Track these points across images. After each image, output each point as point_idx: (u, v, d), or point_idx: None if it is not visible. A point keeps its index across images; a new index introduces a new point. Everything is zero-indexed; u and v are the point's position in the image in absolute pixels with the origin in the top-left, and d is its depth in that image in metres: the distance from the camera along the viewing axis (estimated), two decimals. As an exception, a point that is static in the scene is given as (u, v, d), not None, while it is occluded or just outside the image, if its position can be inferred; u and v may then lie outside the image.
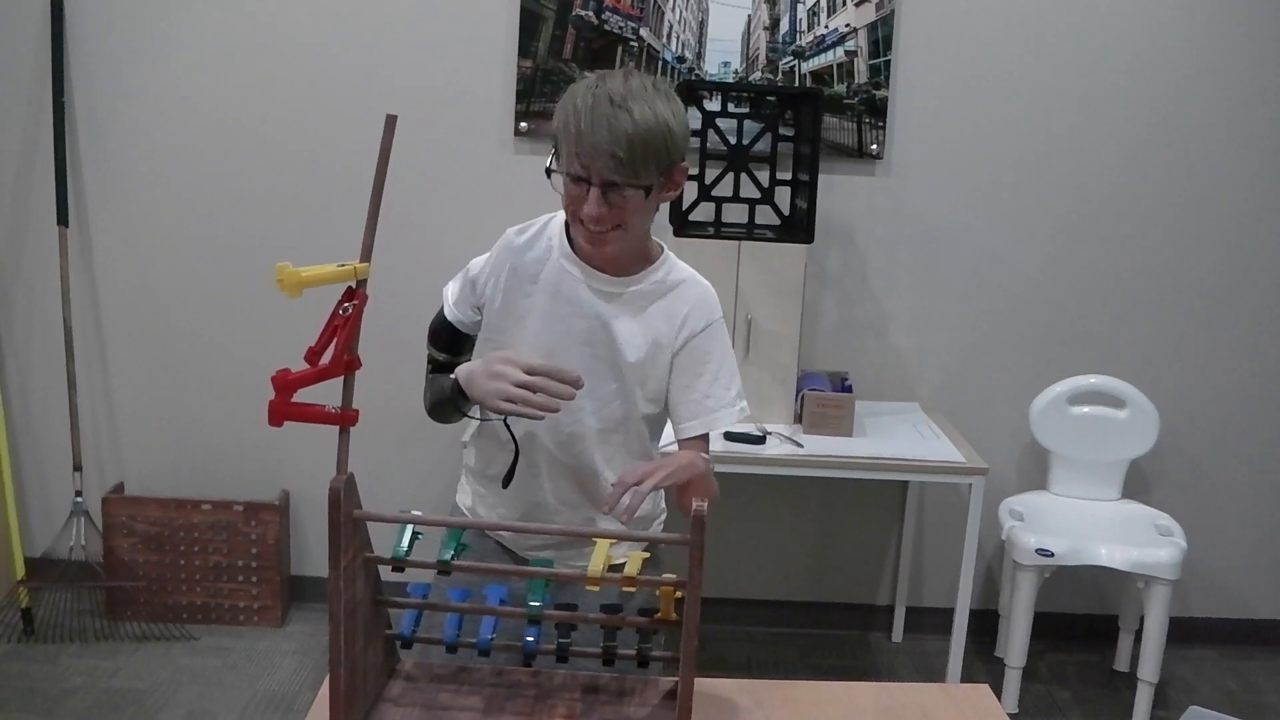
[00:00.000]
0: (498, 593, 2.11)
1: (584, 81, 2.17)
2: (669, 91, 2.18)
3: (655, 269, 2.34)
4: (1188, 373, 4.61)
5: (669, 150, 2.16)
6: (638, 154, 2.10)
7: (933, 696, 2.30)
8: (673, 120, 2.14)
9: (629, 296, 2.32)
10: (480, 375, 2.21)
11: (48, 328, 4.45)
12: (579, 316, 2.33)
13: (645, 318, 2.33)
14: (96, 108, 4.36)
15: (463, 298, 2.47)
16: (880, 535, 4.77)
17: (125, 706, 3.93)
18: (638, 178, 2.14)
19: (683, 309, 2.33)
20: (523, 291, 2.36)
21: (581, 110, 2.10)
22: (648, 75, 2.19)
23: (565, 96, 2.18)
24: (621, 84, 2.12)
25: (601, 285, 2.31)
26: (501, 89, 4.35)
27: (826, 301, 4.53)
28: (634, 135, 2.08)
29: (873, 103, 4.37)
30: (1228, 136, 4.43)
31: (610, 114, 2.08)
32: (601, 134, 2.08)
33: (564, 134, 2.16)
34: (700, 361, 2.35)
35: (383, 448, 4.51)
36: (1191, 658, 4.71)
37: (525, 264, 2.36)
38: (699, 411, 2.35)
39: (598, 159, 2.10)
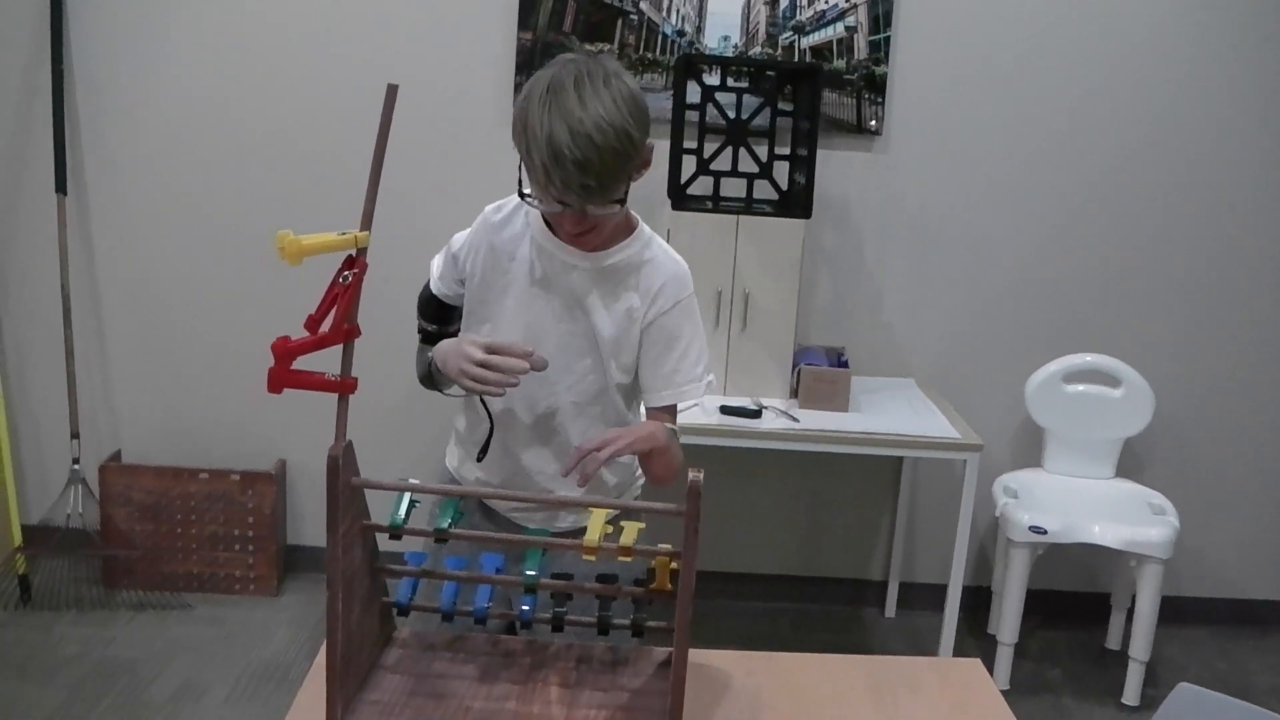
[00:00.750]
0: (494, 561, 2.12)
1: (534, 95, 2.10)
2: (617, 75, 2.13)
3: (631, 242, 2.35)
4: (1183, 352, 4.62)
5: (635, 154, 2.14)
6: (606, 179, 2.09)
7: (924, 671, 2.32)
8: (632, 123, 2.10)
9: (604, 271, 2.33)
10: (450, 355, 2.26)
11: (45, 296, 4.45)
12: (555, 293, 2.35)
13: (619, 292, 2.35)
14: (95, 75, 4.35)
15: (446, 272, 2.50)
16: (874, 511, 4.79)
17: (120, 675, 3.94)
18: (611, 194, 2.14)
19: (655, 284, 2.35)
20: (501, 268, 2.38)
21: (542, 141, 2.05)
22: (593, 63, 2.13)
23: (518, 113, 2.13)
24: (575, 99, 2.06)
25: (577, 260, 2.32)
26: (501, 60, 4.34)
27: (823, 277, 4.53)
28: (601, 162, 2.06)
29: (872, 78, 4.37)
30: (1225, 118, 4.43)
31: (571, 145, 2.03)
32: (569, 169, 2.05)
33: (529, 165, 2.13)
34: (671, 337, 2.37)
35: (381, 416, 4.52)
36: (1182, 637, 4.73)
37: (503, 241, 2.38)
38: (667, 385, 2.39)
39: (569, 192, 2.09)
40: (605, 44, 4.31)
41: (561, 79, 2.09)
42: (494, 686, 2.04)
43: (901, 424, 4.00)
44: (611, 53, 4.31)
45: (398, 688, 2.02)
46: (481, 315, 2.42)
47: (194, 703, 3.82)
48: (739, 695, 2.14)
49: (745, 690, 2.15)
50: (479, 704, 1.98)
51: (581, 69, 2.10)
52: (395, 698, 1.99)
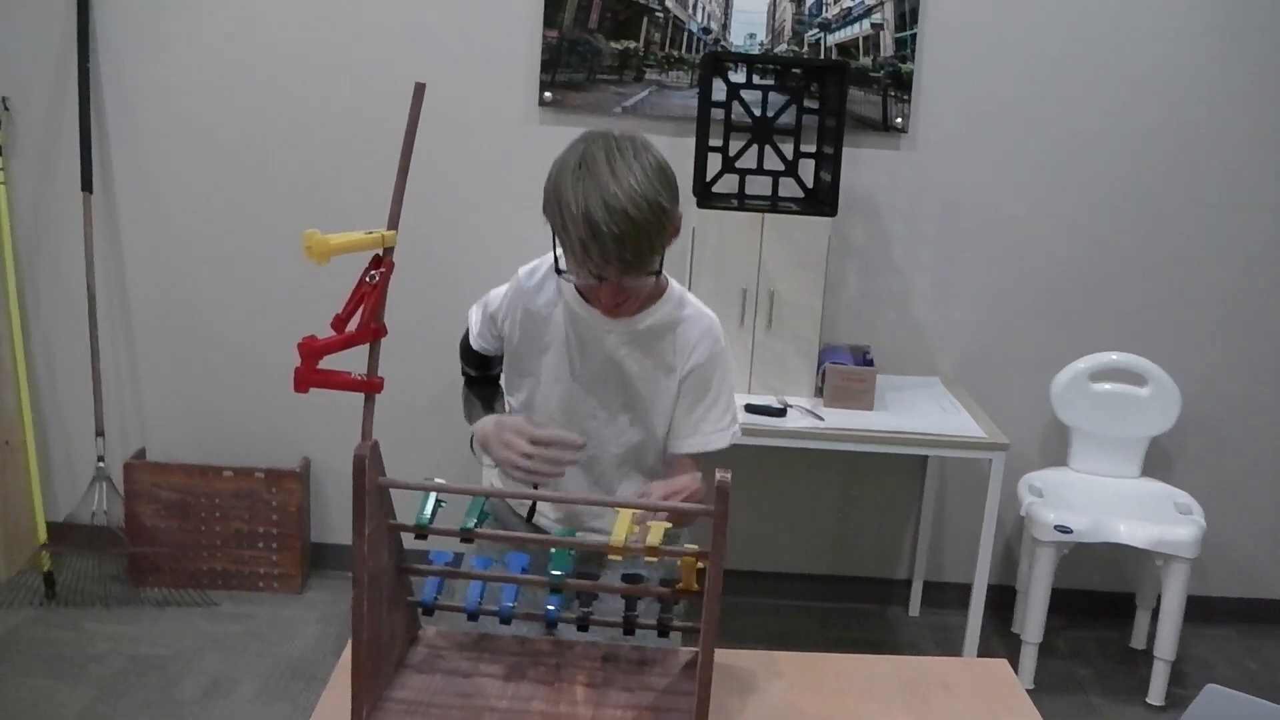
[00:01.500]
0: (519, 561, 2.12)
1: (566, 171, 2.12)
2: (645, 147, 2.16)
3: (663, 303, 2.37)
4: (1210, 351, 4.59)
5: (668, 224, 2.17)
6: (644, 251, 2.12)
7: (952, 670, 2.31)
8: (664, 194, 2.13)
9: (639, 334, 2.36)
10: (493, 441, 2.32)
11: (71, 294, 4.47)
12: (591, 356, 2.39)
13: (654, 351, 2.38)
14: (122, 73, 4.36)
15: (484, 330, 2.56)
16: (900, 509, 4.77)
17: (149, 672, 3.95)
18: (648, 265, 2.16)
19: (690, 341, 2.39)
20: (537, 331, 2.43)
21: (579, 218, 2.08)
22: (624, 139, 2.15)
23: (550, 189, 2.16)
24: (608, 173, 2.08)
25: (611, 326, 2.35)
26: (527, 58, 4.34)
27: (849, 274, 4.52)
28: (638, 235, 2.09)
29: (898, 76, 4.36)
30: (1257, 113, 4.40)
31: (607, 220, 2.05)
32: (607, 244, 2.07)
33: (564, 240, 2.15)
34: (702, 388, 2.41)
35: (406, 416, 4.52)
36: (1209, 636, 4.70)
37: (537, 307, 2.43)
38: (694, 432, 2.43)
39: (608, 266, 2.12)
40: (631, 41, 4.31)
41: (592, 154, 2.11)
42: (520, 686, 2.04)
43: (927, 423, 3.99)
44: (637, 50, 4.31)
45: (424, 687, 2.02)
46: (522, 370, 2.48)
47: (224, 699, 3.83)
48: (765, 695, 2.13)
49: (772, 690, 2.15)
50: (505, 704, 1.98)
51: (611, 143, 2.13)
52: (421, 696, 1.98)
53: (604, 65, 4.33)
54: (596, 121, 4.33)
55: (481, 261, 4.46)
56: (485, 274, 4.46)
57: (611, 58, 4.33)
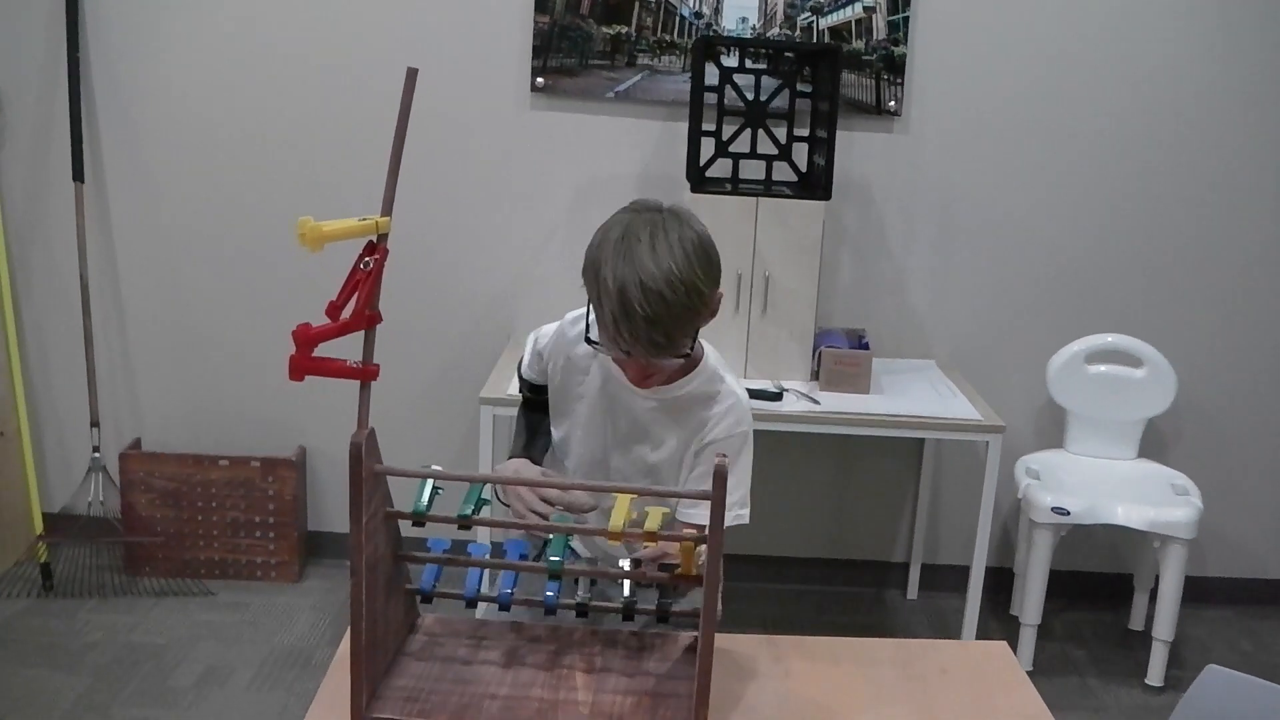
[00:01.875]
0: (518, 548, 2.11)
1: (608, 243, 2.09)
2: (689, 224, 2.14)
3: (696, 375, 2.34)
4: (1205, 332, 4.59)
5: (704, 308, 2.14)
6: (676, 332, 2.10)
7: (951, 653, 2.32)
8: (703, 280, 2.10)
9: (670, 402, 2.35)
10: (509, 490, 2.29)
11: (64, 284, 4.46)
12: (620, 417, 2.39)
13: (681, 420, 2.36)
14: (112, 62, 4.34)
15: (533, 364, 2.57)
16: (897, 493, 4.77)
17: (144, 661, 3.95)
18: (677, 350, 2.14)
19: (716, 415, 2.36)
20: (576, 380, 2.44)
21: (614, 293, 2.04)
22: (670, 216, 2.13)
23: (591, 258, 2.12)
24: (649, 252, 2.05)
25: (642, 393, 2.34)
26: (519, 44, 4.32)
27: (844, 259, 4.52)
28: (671, 318, 2.06)
29: (891, 59, 4.35)
30: (1250, 95, 4.40)
31: (642, 300, 2.02)
32: (639, 325, 2.04)
33: (599, 313, 2.13)
34: (705, 463, 2.37)
35: (402, 403, 4.52)
36: (1207, 617, 4.71)
37: (577, 357, 2.42)
38: (698, 505, 2.34)
39: (638, 346, 2.09)
40: (623, 26, 4.30)
41: (636, 228, 2.08)
42: (519, 672, 2.04)
43: (923, 406, 3.99)
44: (629, 35, 4.30)
45: (423, 674, 2.02)
46: (562, 411, 2.49)
47: (219, 687, 3.83)
48: (765, 680, 2.13)
49: (772, 674, 2.15)
50: (505, 690, 1.98)
51: (656, 219, 2.10)
52: (420, 684, 1.98)
53: (596, 50, 4.32)
54: (588, 106, 4.33)
55: (475, 247, 4.46)
56: (479, 260, 4.48)
57: (603, 43, 4.32)
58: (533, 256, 4.46)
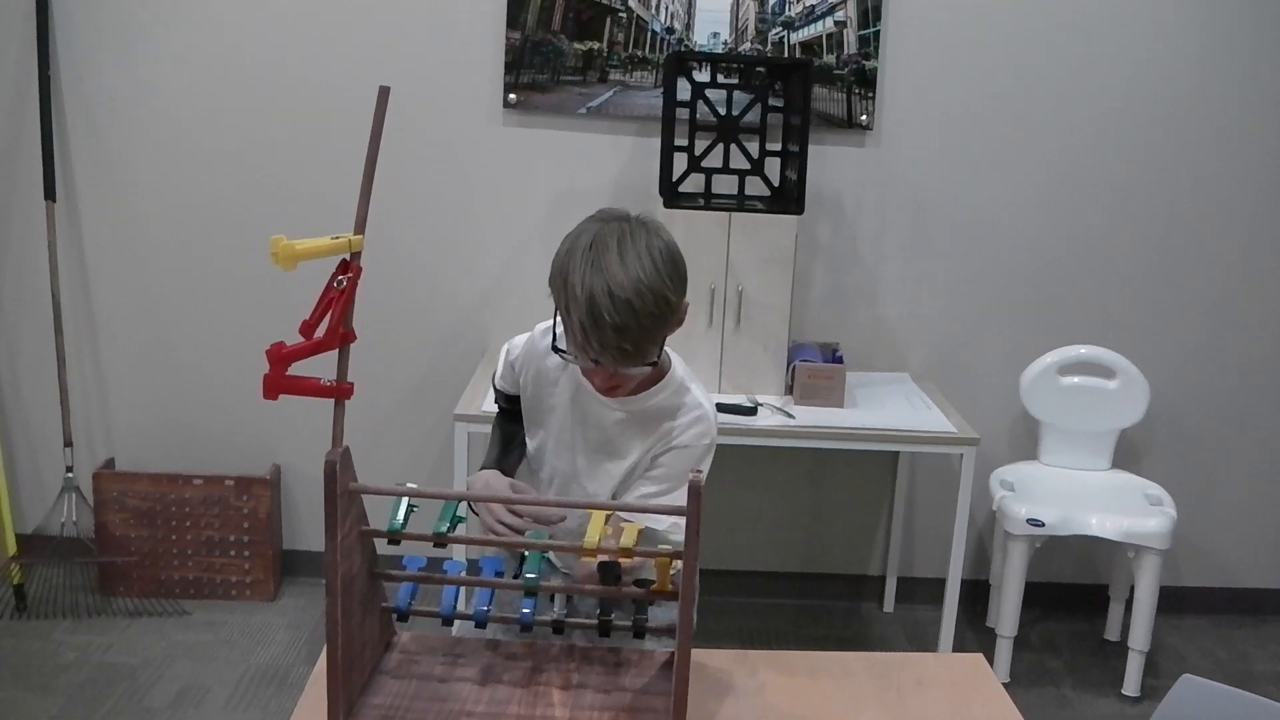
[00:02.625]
0: (493, 565, 2.11)
1: (576, 252, 2.10)
2: (658, 234, 2.14)
3: (664, 387, 2.35)
4: (1177, 342, 4.61)
5: (671, 316, 2.15)
6: (644, 340, 2.11)
7: (927, 666, 2.32)
8: (671, 289, 2.11)
9: (638, 413, 2.36)
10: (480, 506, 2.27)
11: (36, 303, 4.44)
12: (590, 426, 2.40)
13: (647, 431, 2.37)
14: (83, 81, 4.33)
15: (506, 375, 2.58)
16: (871, 506, 4.78)
17: (119, 681, 3.93)
18: (645, 357, 2.16)
19: (681, 425, 2.36)
20: (547, 391, 2.45)
21: (582, 302, 2.05)
22: (637, 225, 2.14)
23: (559, 266, 2.13)
24: (617, 260, 2.06)
25: (612, 402, 2.35)
26: (490, 60, 4.32)
27: (817, 272, 4.53)
28: (639, 327, 2.07)
29: (862, 73, 4.36)
30: (1217, 105, 4.43)
31: (610, 309, 2.03)
32: (607, 333, 2.06)
33: (566, 321, 2.14)
34: (670, 470, 2.37)
35: (376, 420, 4.51)
36: (1182, 627, 4.73)
37: (548, 368, 2.44)
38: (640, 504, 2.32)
39: (606, 355, 2.10)
40: (594, 42, 4.30)
41: (604, 237, 2.09)
42: (496, 690, 2.04)
43: (898, 419, 4.00)
44: (601, 51, 4.31)
45: (399, 692, 2.01)
46: (536, 422, 2.50)
47: (194, 708, 3.81)
48: (742, 694, 2.13)
49: (748, 689, 2.15)
50: (481, 708, 1.97)
51: (624, 229, 2.11)
52: (397, 702, 1.98)
53: (568, 66, 4.32)
54: (560, 122, 4.34)
55: (449, 264, 4.46)
56: (452, 277, 4.48)
57: (575, 58, 4.32)
58: (506, 273, 4.46)
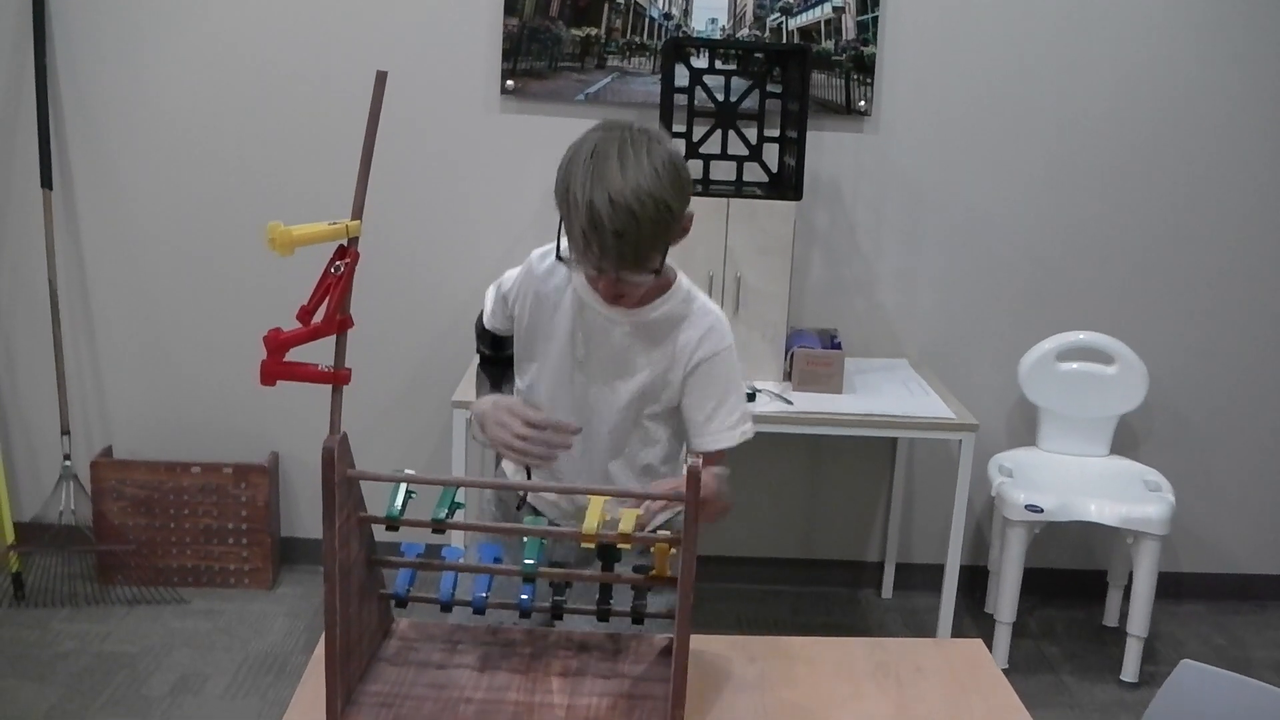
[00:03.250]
0: (491, 551, 2.11)
1: (578, 161, 2.10)
2: (660, 142, 2.14)
3: (670, 297, 2.36)
4: (1176, 328, 4.61)
5: (673, 223, 2.15)
6: (645, 247, 2.11)
7: (926, 652, 2.31)
8: (672, 196, 2.11)
9: (645, 325, 2.35)
10: (489, 421, 2.29)
11: (33, 292, 4.43)
12: (596, 343, 2.37)
13: (660, 342, 2.36)
14: (78, 68, 4.32)
15: (497, 310, 2.55)
16: (870, 492, 4.78)
17: (117, 670, 3.93)
18: (647, 264, 2.15)
19: (696, 334, 2.36)
20: (546, 315, 2.41)
21: (582, 209, 2.06)
22: (639, 133, 2.13)
23: (561, 176, 2.14)
24: (617, 167, 2.06)
25: (617, 315, 2.34)
26: (487, 47, 4.32)
27: (815, 259, 4.52)
28: (639, 233, 2.07)
29: (860, 59, 4.35)
30: (1214, 91, 4.42)
31: (610, 215, 2.04)
32: (607, 239, 2.06)
33: (569, 231, 2.14)
34: (709, 385, 2.38)
35: (374, 407, 4.51)
36: (1180, 613, 4.73)
37: (547, 291, 2.41)
38: (702, 433, 2.40)
39: (607, 262, 2.11)
40: (592, 28, 4.29)
41: (605, 146, 2.09)
42: (495, 676, 2.03)
43: (896, 405, 3.99)
44: (598, 37, 4.30)
45: (398, 679, 2.01)
46: (529, 355, 2.46)
47: (193, 695, 3.81)
48: (741, 680, 2.13)
49: (747, 675, 2.14)
50: (480, 695, 1.97)
51: (625, 136, 2.11)
52: (395, 689, 1.98)
53: (565, 53, 4.31)
54: (558, 109, 4.32)
55: (446, 251, 4.45)
56: (450, 263, 4.47)
57: (573, 45, 4.31)
58: (504, 258, 4.40)
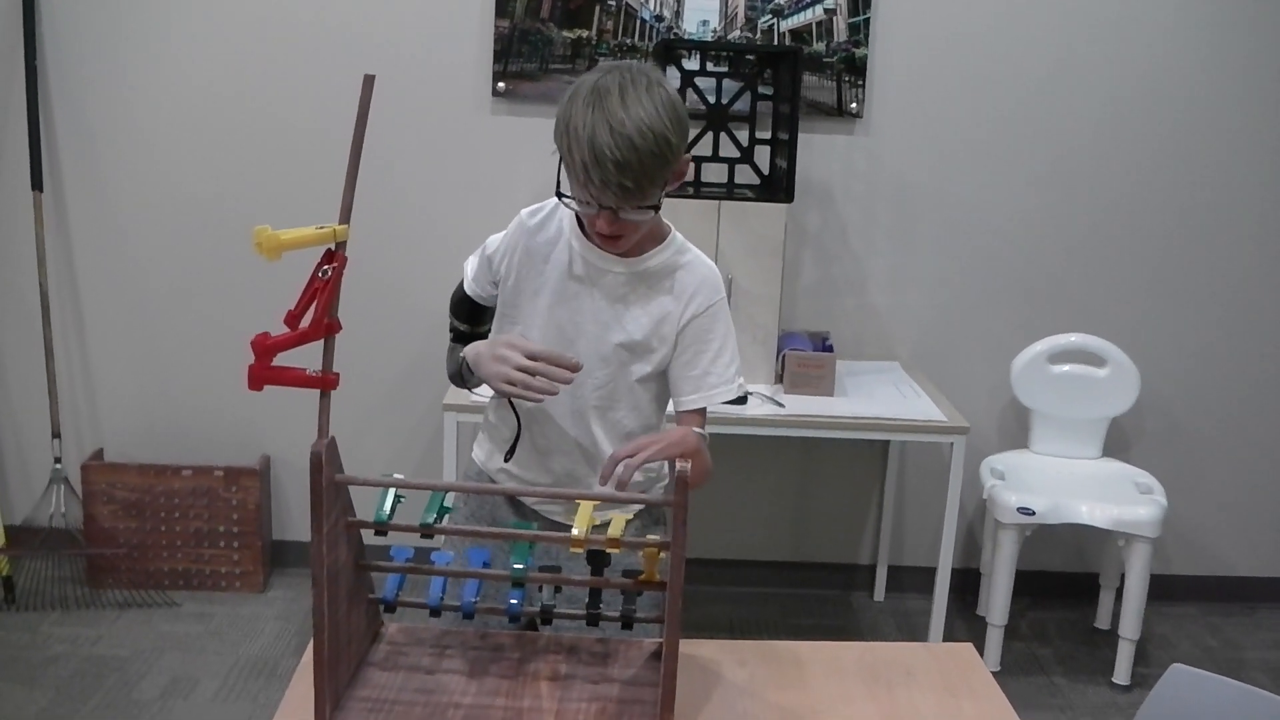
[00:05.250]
0: (480, 555, 2.10)
1: (579, 97, 2.13)
2: (659, 83, 2.16)
3: (664, 248, 2.37)
4: (1168, 330, 4.61)
5: (672, 162, 2.17)
6: (644, 181, 2.12)
7: (917, 655, 2.31)
8: (672, 131, 2.13)
9: (640, 275, 2.35)
10: (486, 357, 2.28)
11: (23, 294, 4.42)
12: (588, 295, 2.37)
13: (653, 295, 2.36)
14: (69, 71, 4.31)
15: (480, 274, 2.52)
16: (861, 495, 4.78)
17: (108, 674, 3.92)
18: (646, 198, 2.16)
19: (689, 288, 2.37)
20: (535, 270, 2.40)
21: (584, 140, 2.09)
22: (638, 72, 2.16)
23: (561, 113, 2.16)
24: (618, 102, 2.09)
25: (611, 266, 2.34)
26: (479, 49, 4.31)
27: (806, 261, 4.52)
28: (640, 164, 2.09)
29: (852, 61, 4.35)
30: (1208, 95, 4.42)
31: (612, 145, 2.06)
32: (609, 169, 2.08)
33: (569, 163, 2.16)
34: (704, 340, 2.38)
35: (363, 411, 4.50)
36: (1172, 615, 4.73)
37: (538, 245, 2.40)
38: (699, 387, 2.40)
39: (606, 193, 2.12)
40: (583, 30, 4.29)
41: (606, 84, 2.12)
42: (483, 681, 2.03)
43: (887, 408, 3.99)
44: (589, 39, 4.29)
45: (387, 684, 2.00)
46: (513, 316, 2.44)
47: (183, 699, 3.80)
48: (731, 685, 2.12)
49: (737, 679, 2.14)
50: (469, 699, 1.97)
51: (626, 75, 2.14)
52: (384, 694, 1.97)
53: (556, 55, 4.31)
54: (549, 111, 4.31)
55: (436, 254, 4.44)
56: (439, 266, 4.45)
57: (564, 47, 4.31)
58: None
